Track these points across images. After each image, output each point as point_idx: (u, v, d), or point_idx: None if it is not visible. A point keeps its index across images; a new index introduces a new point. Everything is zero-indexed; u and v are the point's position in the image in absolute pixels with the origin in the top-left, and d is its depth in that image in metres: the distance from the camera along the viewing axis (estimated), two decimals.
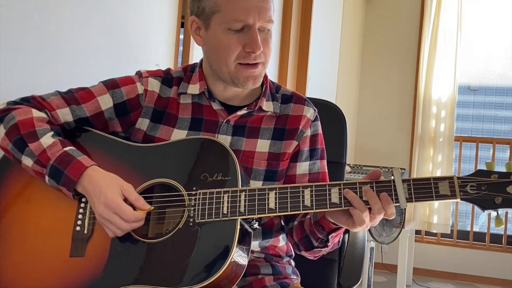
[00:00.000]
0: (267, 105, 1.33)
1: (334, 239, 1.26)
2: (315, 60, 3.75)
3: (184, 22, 2.33)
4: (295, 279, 1.40)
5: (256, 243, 1.34)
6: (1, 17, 1.42)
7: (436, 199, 1.09)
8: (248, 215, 1.13)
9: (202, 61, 1.36)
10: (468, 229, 4.80)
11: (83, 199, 1.20)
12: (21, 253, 1.18)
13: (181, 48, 2.34)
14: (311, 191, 1.13)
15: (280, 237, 1.39)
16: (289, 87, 1.44)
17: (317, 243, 1.27)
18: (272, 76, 3.29)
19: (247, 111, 1.32)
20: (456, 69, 4.70)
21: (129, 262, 1.13)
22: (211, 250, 1.10)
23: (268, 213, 1.13)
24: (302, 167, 1.35)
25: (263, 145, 1.32)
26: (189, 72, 1.36)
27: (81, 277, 1.14)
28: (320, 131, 1.38)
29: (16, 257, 1.18)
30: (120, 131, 1.34)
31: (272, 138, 1.33)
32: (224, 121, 1.31)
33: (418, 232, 4.80)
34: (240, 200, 1.13)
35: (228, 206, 1.13)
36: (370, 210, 1.11)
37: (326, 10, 4.02)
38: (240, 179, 1.16)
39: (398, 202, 1.10)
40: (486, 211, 1.08)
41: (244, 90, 1.32)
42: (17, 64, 1.49)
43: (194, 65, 1.38)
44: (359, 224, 1.11)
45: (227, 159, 1.18)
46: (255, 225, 1.18)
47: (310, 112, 1.36)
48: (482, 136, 5.09)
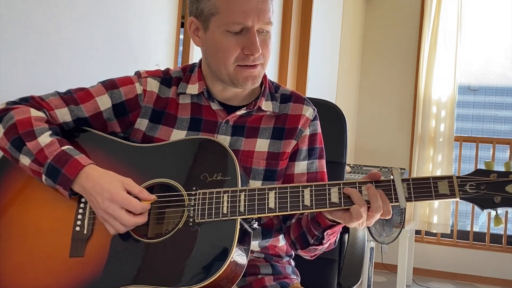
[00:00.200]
0: (266, 105, 1.33)
1: (329, 237, 1.26)
2: (315, 60, 3.75)
3: (184, 22, 2.33)
4: (295, 279, 1.40)
5: (256, 243, 1.34)
6: (1, 17, 1.42)
7: (435, 199, 1.09)
8: (248, 215, 1.13)
9: (201, 61, 1.36)
10: (468, 229, 4.80)
11: (83, 199, 1.20)
12: (20, 253, 1.18)
13: (181, 48, 2.34)
14: (311, 191, 1.13)
15: (280, 237, 1.39)
16: (289, 87, 1.44)
17: (312, 240, 1.26)
18: (272, 76, 3.30)
19: (246, 111, 1.32)
20: (456, 69, 4.70)
21: (129, 262, 1.13)
22: (211, 250, 1.10)
23: (268, 212, 1.13)
24: (301, 166, 1.35)
25: (262, 145, 1.32)
26: (188, 72, 1.36)
27: (80, 277, 1.14)
28: (319, 130, 1.38)
29: (15, 257, 1.18)
30: (119, 132, 1.34)
31: (271, 137, 1.33)
32: (223, 121, 1.31)
33: (418, 232, 4.80)
34: (240, 200, 1.13)
35: (228, 206, 1.13)
36: (369, 208, 1.11)
37: (326, 10, 4.02)
38: (240, 179, 1.16)
39: (397, 202, 1.10)
40: (485, 210, 1.08)
41: (243, 90, 1.32)
42: (17, 64, 1.50)
43: (193, 65, 1.38)
44: (356, 218, 1.10)
45: (226, 159, 1.18)
46: (255, 225, 1.18)
47: (309, 111, 1.36)
48: (482, 136, 5.08)
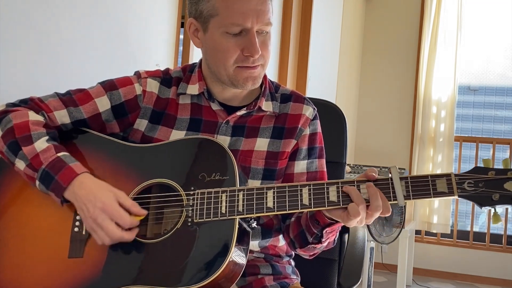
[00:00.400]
0: (266, 105, 1.33)
1: (328, 235, 1.25)
2: (315, 60, 3.75)
3: (184, 22, 2.33)
4: (295, 279, 1.40)
5: (255, 243, 1.34)
6: (1, 17, 1.42)
7: (433, 196, 1.09)
8: (246, 214, 1.13)
9: (201, 61, 1.36)
10: (468, 229, 4.80)
11: None
12: (19, 254, 1.18)
13: (181, 48, 2.34)
14: (309, 190, 1.13)
15: (280, 237, 1.39)
16: (289, 87, 1.44)
17: (311, 239, 1.26)
18: (272, 76, 3.30)
19: (247, 111, 1.32)
20: (456, 69, 4.70)
21: (128, 262, 1.13)
22: (210, 250, 1.10)
23: (266, 212, 1.13)
24: (300, 165, 1.35)
25: (261, 144, 1.32)
26: (188, 72, 1.36)
27: (79, 278, 1.14)
28: (319, 130, 1.38)
29: (14, 259, 1.18)
30: (118, 132, 1.33)
31: (271, 137, 1.33)
32: (224, 122, 1.31)
33: (418, 232, 4.80)
34: (238, 200, 1.13)
35: (226, 206, 1.13)
36: (368, 207, 1.11)
37: (326, 10, 4.02)
38: (238, 178, 1.16)
39: (396, 200, 1.10)
40: (484, 208, 1.08)
41: (243, 91, 1.32)
42: (17, 64, 1.50)
43: (193, 65, 1.38)
44: (353, 216, 1.10)
45: (225, 158, 1.18)
46: (254, 224, 1.18)
47: (309, 111, 1.36)
48: (482, 136, 5.09)
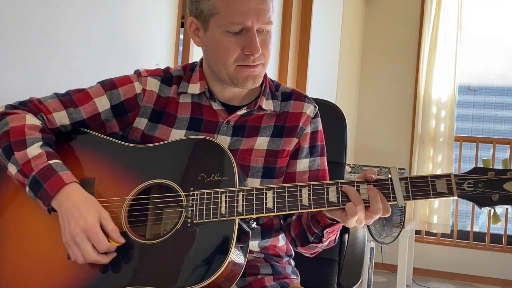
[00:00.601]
0: (267, 104, 1.33)
1: (329, 235, 1.26)
2: (315, 60, 3.75)
3: (184, 22, 2.33)
4: (295, 279, 1.40)
5: (255, 243, 1.34)
6: (1, 17, 1.42)
7: (433, 197, 1.09)
8: (246, 215, 1.13)
9: (202, 60, 1.35)
10: (468, 229, 4.80)
11: None
12: (17, 255, 1.18)
13: (181, 48, 2.34)
14: (309, 190, 1.13)
15: (280, 237, 1.39)
16: (288, 86, 1.44)
17: (312, 238, 1.26)
18: (272, 76, 3.29)
19: (247, 111, 1.32)
20: (456, 69, 4.70)
21: (127, 263, 1.13)
22: (210, 251, 1.10)
23: (266, 212, 1.13)
24: (302, 164, 1.35)
25: (261, 143, 1.32)
26: (189, 71, 1.35)
27: (78, 279, 1.13)
28: (320, 127, 1.38)
29: (12, 260, 1.17)
30: (117, 131, 1.33)
31: (272, 135, 1.33)
32: (224, 122, 1.31)
33: (418, 232, 4.80)
34: (238, 200, 1.13)
35: (226, 206, 1.13)
36: (367, 208, 1.11)
37: (326, 10, 4.02)
38: (238, 179, 1.15)
39: (395, 200, 1.10)
40: (484, 208, 1.08)
41: (244, 90, 1.31)
42: (17, 64, 1.50)
43: (194, 64, 1.37)
44: (350, 215, 1.10)
45: (224, 159, 1.17)
46: (253, 225, 1.17)
47: (310, 108, 1.36)
48: (482, 136, 5.08)
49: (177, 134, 1.30)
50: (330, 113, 1.74)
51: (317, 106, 1.38)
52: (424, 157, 4.74)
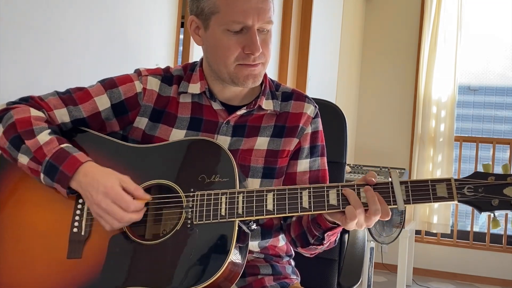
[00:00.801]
0: (267, 104, 1.33)
1: (330, 238, 1.26)
2: (315, 60, 3.75)
3: (184, 22, 2.33)
4: (295, 279, 1.40)
5: (255, 243, 1.34)
6: (1, 17, 1.42)
7: (433, 201, 1.09)
8: (246, 216, 1.13)
9: (202, 60, 1.35)
10: (468, 229, 4.80)
11: (80, 200, 1.19)
12: (17, 255, 1.18)
13: (181, 48, 2.34)
14: (309, 193, 1.13)
15: (280, 237, 1.39)
16: (288, 86, 1.44)
17: (313, 240, 1.26)
18: (272, 76, 3.29)
19: (247, 110, 1.31)
20: (456, 69, 4.69)
21: (127, 263, 1.13)
22: (210, 252, 1.10)
23: (266, 215, 1.13)
24: (303, 164, 1.35)
25: (261, 143, 1.32)
26: (189, 71, 1.35)
27: (78, 279, 1.13)
28: (320, 128, 1.38)
29: (12, 259, 1.17)
30: (118, 130, 1.33)
31: (272, 135, 1.33)
32: (224, 122, 1.30)
33: (418, 232, 4.80)
34: (238, 202, 1.13)
35: (226, 208, 1.13)
36: (366, 211, 1.11)
37: (326, 10, 4.02)
38: (238, 180, 1.15)
39: (396, 204, 1.10)
40: (483, 213, 1.09)
41: (243, 90, 1.31)
42: (17, 64, 1.50)
43: (194, 64, 1.37)
44: (349, 219, 1.10)
45: (224, 160, 1.17)
46: (253, 226, 1.18)
47: (310, 109, 1.36)
48: (482, 136, 5.08)
49: (177, 134, 1.30)
50: (330, 113, 1.74)
51: (317, 106, 1.38)
52: (424, 157, 4.74)
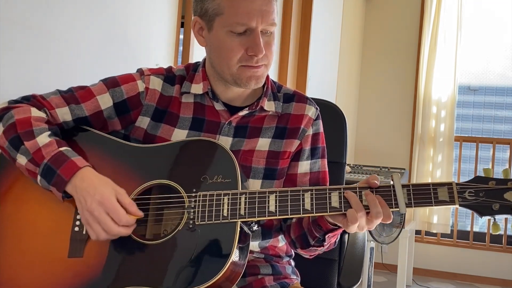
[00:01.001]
0: (269, 105, 1.33)
1: (330, 239, 1.26)
2: (315, 60, 3.75)
3: (184, 22, 2.33)
4: (295, 279, 1.40)
5: (256, 243, 1.34)
6: (1, 17, 1.42)
7: (435, 205, 1.10)
8: (248, 217, 1.13)
9: (205, 60, 1.36)
10: (468, 229, 4.80)
11: None
12: (18, 253, 1.18)
13: (181, 48, 2.34)
14: (311, 195, 1.13)
15: (280, 237, 1.39)
16: (289, 87, 1.44)
17: (313, 242, 1.27)
18: (272, 76, 3.29)
19: (249, 111, 1.32)
20: (456, 69, 4.70)
21: (129, 263, 1.13)
22: (211, 252, 1.10)
23: (268, 216, 1.13)
24: (304, 166, 1.35)
25: (263, 144, 1.32)
26: (191, 71, 1.35)
27: (79, 278, 1.13)
28: (321, 129, 1.38)
29: (13, 258, 1.17)
30: (120, 129, 1.33)
31: (273, 136, 1.33)
32: (226, 123, 1.31)
33: (418, 232, 4.80)
34: (240, 203, 1.13)
35: (228, 209, 1.13)
36: (368, 213, 1.11)
37: (326, 10, 4.02)
38: (240, 181, 1.15)
39: (397, 207, 1.11)
40: (484, 217, 1.09)
41: (246, 91, 1.32)
42: (16, 64, 1.49)
43: (197, 64, 1.38)
44: (351, 222, 1.11)
45: (227, 161, 1.17)
46: (255, 227, 1.18)
47: (311, 111, 1.36)
48: (482, 136, 5.08)
49: (179, 134, 1.30)
50: (330, 113, 1.74)
51: (318, 108, 1.38)
52: (424, 157, 4.74)
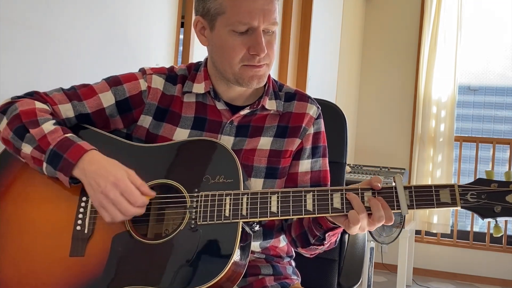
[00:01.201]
0: (270, 104, 1.33)
1: (330, 238, 1.26)
2: (315, 60, 3.75)
3: (184, 22, 2.33)
4: (296, 279, 1.40)
5: (257, 243, 1.34)
6: (1, 17, 1.42)
7: (437, 207, 1.10)
8: (250, 218, 1.13)
9: (207, 60, 1.36)
10: (468, 229, 4.80)
11: (84, 198, 1.19)
12: (20, 252, 1.17)
13: (181, 48, 2.34)
14: (313, 196, 1.13)
15: (281, 237, 1.40)
16: (291, 86, 1.44)
17: (313, 240, 1.27)
18: (272, 76, 3.29)
19: (250, 110, 1.32)
20: (456, 69, 4.70)
21: (130, 263, 1.13)
22: (213, 253, 1.10)
23: (270, 216, 1.13)
24: (304, 165, 1.35)
25: (265, 143, 1.32)
26: (193, 71, 1.36)
27: (80, 277, 1.13)
28: (322, 129, 1.39)
29: (15, 256, 1.17)
30: (122, 128, 1.33)
31: (275, 135, 1.33)
32: (228, 122, 1.31)
33: (418, 232, 4.80)
34: (242, 203, 1.13)
35: (230, 209, 1.13)
36: (370, 216, 1.11)
37: (326, 10, 4.02)
38: (242, 182, 1.15)
39: (399, 209, 1.11)
40: (486, 220, 1.10)
41: (248, 90, 1.32)
42: (17, 64, 1.49)
43: (199, 64, 1.38)
44: (353, 223, 1.11)
45: (229, 161, 1.17)
46: (256, 228, 1.18)
47: (313, 109, 1.36)
48: (482, 136, 5.09)
49: (181, 133, 1.30)
50: (330, 113, 1.74)
51: (320, 107, 1.39)
52: (424, 157, 4.74)
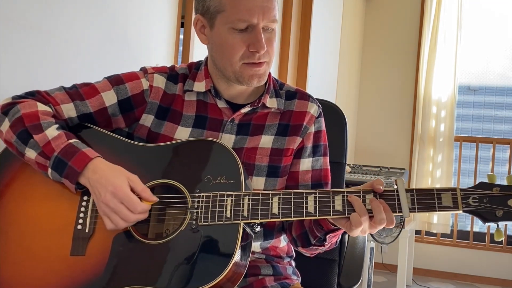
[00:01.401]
0: (271, 102, 1.33)
1: (331, 239, 1.26)
2: (315, 60, 3.75)
3: (184, 22, 2.33)
4: (296, 280, 1.40)
5: (257, 244, 1.34)
6: (1, 17, 1.42)
7: (438, 210, 1.10)
8: (251, 219, 1.13)
9: (207, 58, 1.36)
10: (468, 229, 4.80)
11: (85, 197, 1.19)
12: (20, 251, 1.17)
13: (181, 48, 2.34)
14: (315, 198, 1.13)
15: (281, 238, 1.40)
16: (292, 85, 1.44)
17: (314, 241, 1.27)
18: (273, 76, 3.29)
19: (251, 108, 1.32)
20: (456, 69, 4.70)
21: (131, 263, 1.13)
22: (214, 253, 1.10)
23: (271, 218, 1.13)
24: (305, 163, 1.35)
25: (266, 141, 1.32)
26: (194, 70, 1.36)
27: (81, 276, 1.13)
28: (323, 127, 1.39)
29: (15, 256, 1.17)
30: (124, 127, 1.33)
31: (276, 134, 1.33)
32: (229, 120, 1.31)
33: (418, 232, 4.80)
34: (243, 204, 1.13)
35: (231, 210, 1.13)
36: (371, 218, 1.11)
37: (326, 10, 4.02)
38: (244, 182, 1.15)
39: (401, 212, 1.11)
40: (487, 223, 1.09)
41: (248, 88, 1.32)
42: (17, 65, 1.49)
43: (199, 63, 1.38)
44: (354, 226, 1.11)
45: (231, 162, 1.17)
46: (257, 229, 1.18)
47: (314, 108, 1.36)
48: (482, 136, 5.08)
49: (182, 131, 1.31)
50: (330, 113, 1.74)
51: (320, 106, 1.39)
52: (424, 157, 4.74)
